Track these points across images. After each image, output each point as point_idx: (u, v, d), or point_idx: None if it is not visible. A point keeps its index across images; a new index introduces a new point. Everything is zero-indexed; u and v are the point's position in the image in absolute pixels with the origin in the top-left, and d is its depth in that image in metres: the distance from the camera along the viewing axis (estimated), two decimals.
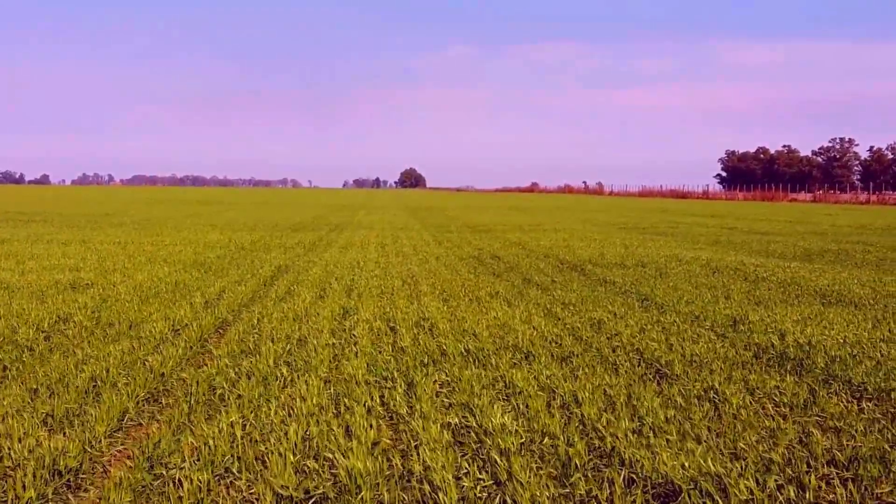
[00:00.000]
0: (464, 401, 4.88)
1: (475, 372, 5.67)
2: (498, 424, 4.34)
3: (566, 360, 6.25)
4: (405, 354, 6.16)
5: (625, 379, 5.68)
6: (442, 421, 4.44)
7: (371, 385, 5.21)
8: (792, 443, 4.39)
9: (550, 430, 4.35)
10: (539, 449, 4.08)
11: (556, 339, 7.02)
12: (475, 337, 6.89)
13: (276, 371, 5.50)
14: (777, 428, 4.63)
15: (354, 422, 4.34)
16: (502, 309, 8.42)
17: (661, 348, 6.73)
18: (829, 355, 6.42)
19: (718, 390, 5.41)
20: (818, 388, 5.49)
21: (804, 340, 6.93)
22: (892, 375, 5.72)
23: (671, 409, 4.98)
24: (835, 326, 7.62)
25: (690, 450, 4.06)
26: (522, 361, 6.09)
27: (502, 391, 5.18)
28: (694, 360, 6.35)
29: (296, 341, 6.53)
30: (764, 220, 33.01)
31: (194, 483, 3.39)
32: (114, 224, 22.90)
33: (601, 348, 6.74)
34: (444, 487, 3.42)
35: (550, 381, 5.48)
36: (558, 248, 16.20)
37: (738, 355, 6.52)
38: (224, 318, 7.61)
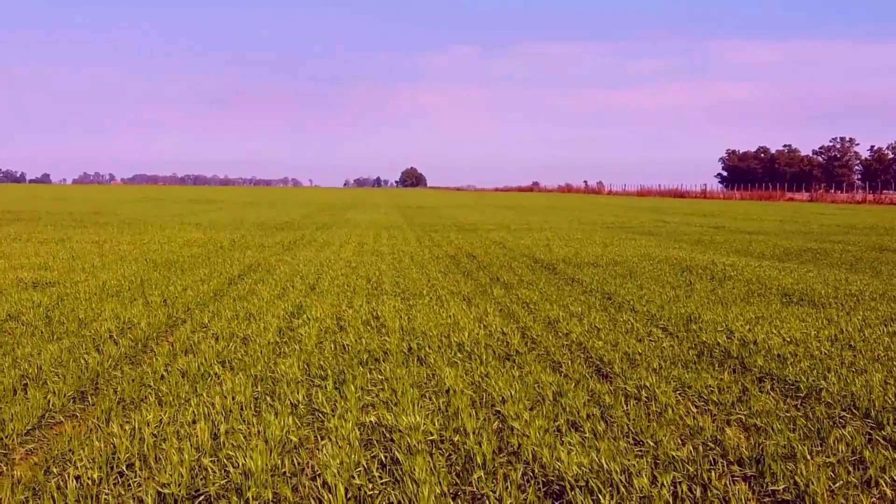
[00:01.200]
0: (388, 399, 4.90)
1: (412, 370, 5.69)
2: (413, 423, 4.36)
3: (508, 359, 6.26)
4: (346, 353, 6.17)
5: (561, 377, 5.69)
6: (359, 419, 4.45)
7: (301, 384, 5.23)
8: (707, 440, 4.41)
9: (466, 427, 4.36)
10: (448, 447, 4.09)
11: (504, 337, 7.04)
12: (423, 335, 6.91)
13: (210, 370, 5.52)
14: (696, 425, 4.65)
15: (271, 420, 4.36)
16: (459, 308, 8.44)
17: (606, 347, 6.75)
18: (771, 354, 6.43)
19: (650, 388, 5.43)
20: (750, 387, 5.51)
21: (750, 339, 6.95)
22: (825, 374, 5.73)
23: (595, 408, 5.00)
24: (786, 325, 7.63)
25: (597, 447, 4.07)
26: (463, 360, 6.10)
27: (431, 390, 5.20)
28: (635, 358, 6.37)
29: (239, 340, 6.55)
30: (755, 220, 33.00)
31: (85, 482, 3.41)
32: (99, 223, 22.92)
33: (548, 347, 6.76)
34: (334, 485, 3.44)
35: (483, 380, 5.49)
36: (537, 248, 16.21)
37: (682, 354, 6.53)
38: (177, 317, 7.62)
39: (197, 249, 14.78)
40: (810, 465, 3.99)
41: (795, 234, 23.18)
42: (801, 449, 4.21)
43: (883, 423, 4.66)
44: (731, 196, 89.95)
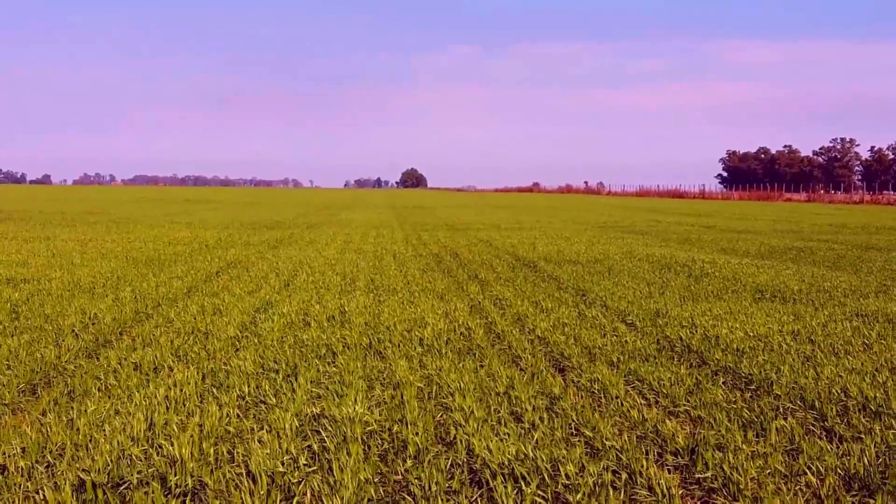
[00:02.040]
0: (336, 391, 4.92)
1: (368, 363, 5.71)
2: (354, 413, 4.38)
3: (469, 353, 6.28)
4: (305, 347, 6.19)
5: (517, 371, 5.71)
6: (301, 411, 4.47)
7: (252, 376, 5.25)
8: (647, 431, 4.43)
9: (407, 418, 4.38)
10: (385, 437, 4.11)
11: (468, 332, 7.05)
12: (386, 330, 6.93)
13: (164, 363, 5.54)
14: (639, 417, 4.67)
15: (212, 411, 4.38)
16: (430, 304, 8.46)
17: (568, 341, 6.77)
18: (732, 348, 6.45)
19: (602, 381, 5.45)
20: (704, 380, 5.52)
21: (713, 334, 6.96)
22: (779, 367, 5.74)
23: (543, 400, 5.02)
24: (753, 320, 7.64)
25: (532, 438, 4.09)
26: (422, 354, 6.12)
27: (382, 382, 5.21)
28: (595, 352, 6.39)
29: (201, 334, 6.57)
30: (748, 219, 33.01)
31: (11, 470, 3.43)
32: (89, 222, 22.96)
33: (512, 341, 6.78)
34: (258, 473, 3.46)
35: (437, 373, 5.51)
36: (522, 246, 16.22)
37: (643, 348, 6.55)
38: (145, 312, 7.65)
39: (181, 247, 14.81)
40: (741, 454, 4.01)
41: (785, 233, 23.19)
42: (737, 439, 4.23)
43: (826, 415, 4.68)
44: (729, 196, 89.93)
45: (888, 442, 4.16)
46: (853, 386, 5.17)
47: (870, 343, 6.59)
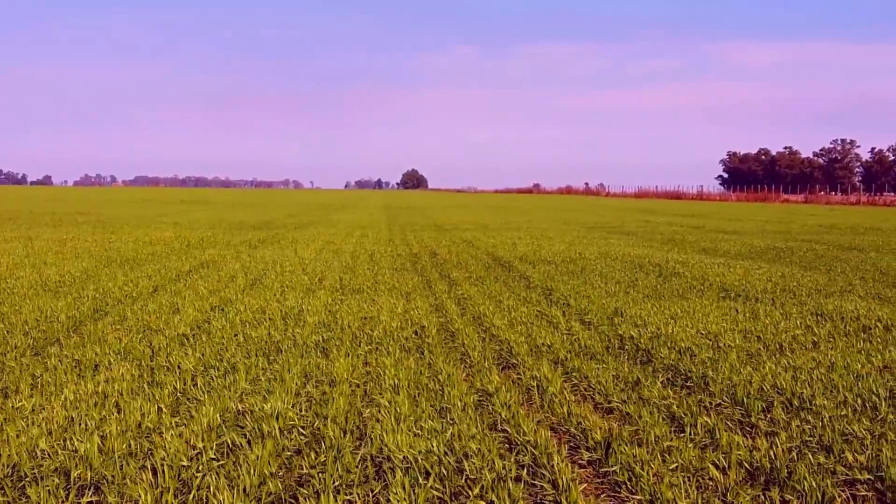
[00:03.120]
0: (268, 388, 4.96)
1: (310, 361, 5.74)
2: (277, 410, 4.41)
3: (417, 351, 6.31)
4: (253, 344, 6.23)
5: (461, 368, 5.75)
6: (226, 407, 4.51)
7: (189, 373, 5.29)
8: (571, 427, 4.46)
9: (330, 415, 4.41)
10: (304, 433, 4.15)
11: (421, 331, 7.09)
12: (339, 329, 6.97)
13: (105, 359, 5.58)
14: (566, 413, 4.70)
15: (136, 407, 4.42)
16: (391, 303, 8.49)
17: (521, 339, 6.81)
18: (680, 346, 6.47)
19: (542, 379, 5.48)
20: (644, 377, 5.55)
21: (665, 332, 6.98)
22: (720, 365, 5.77)
23: (476, 396, 5.05)
24: (709, 319, 7.67)
25: (447, 433, 4.13)
26: (369, 352, 6.15)
27: (317, 379, 5.25)
28: (543, 350, 6.42)
29: (152, 332, 6.61)
30: (740, 220, 33.00)
31: None
32: (77, 222, 23.03)
33: (464, 340, 6.81)
34: (161, 467, 3.50)
35: (378, 370, 5.54)
36: (503, 246, 16.25)
37: (592, 346, 6.59)
38: (103, 311, 7.69)
39: (161, 247, 14.85)
40: (656, 449, 4.04)
41: (772, 233, 23.19)
42: (657, 435, 4.26)
43: (751, 411, 4.71)
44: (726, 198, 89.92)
45: (803, 437, 4.19)
46: (785, 383, 5.20)
47: (817, 341, 6.62)
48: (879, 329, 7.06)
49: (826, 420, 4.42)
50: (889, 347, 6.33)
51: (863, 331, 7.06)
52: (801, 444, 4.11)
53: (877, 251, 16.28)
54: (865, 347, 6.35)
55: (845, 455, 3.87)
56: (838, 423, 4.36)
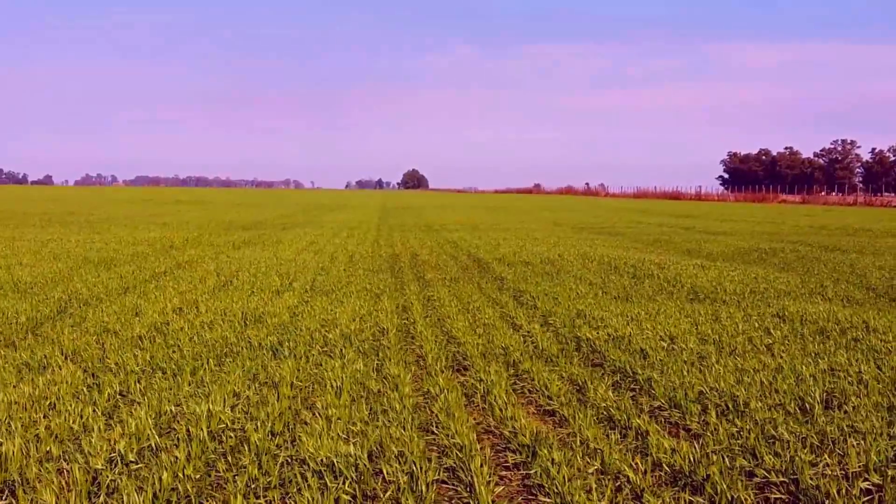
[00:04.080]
0: (208, 390, 4.98)
1: (259, 363, 5.76)
2: (210, 411, 4.44)
3: (371, 352, 6.34)
4: (206, 347, 6.26)
5: (413, 371, 5.77)
6: (161, 409, 4.54)
7: (135, 375, 5.31)
8: (503, 430, 4.48)
9: (260, 417, 4.44)
10: (231, 434, 4.17)
11: (381, 332, 7.11)
12: (297, 331, 6.98)
13: (52, 361, 5.61)
14: (503, 416, 4.72)
15: (69, 410, 4.45)
16: (358, 304, 8.51)
17: (479, 342, 6.83)
18: (634, 349, 6.49)
19: (489, 381, 5.49)
20: (592, 380, 5.56)
21: (621, 334, 7.00)
22: (669, 368, 5.80)
23: (420, 398, 5.09)
24: (672, 321, 7.68)
25: (374, 436, 4.15)
26: (321, 355, 6.17)
27: (261, 382, 5.27)
28: (497, 353, 6.44)
29: (110, 333, 6.64)
30: (733, 221, 32.99)
31: None
32: (66, 223, 23.08)
33: (423, 342, 6.83)
34: (76, 470, 3.53)
35: (326, 373, 5.56)
36: (485, 247, 16.28)
37: (548, 348, 6.61)
38: (66, 311, 7.72)
39: (143, 248, 14.89)
40: (581, 451, 4.07)
41: (761, 234, 23.19)
42: (586, 437, 4.28)
43: (687, 413, 4.73)
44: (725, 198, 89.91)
45: (729, 440, 4.21)
46: (727, 386, 5.21)
47: (772, 344, 6.63)
48: (836, 332, 7.08)
49: (755, 423, 4.44)
50: (840, 350, 6.35)
51: (820, 333, 7.07)
52: (727, 447, 4.13)
53: (859, 252, 16.28)
54: (817, 350, 6.36)
55: (764, 458, 3.89)
56: (767, 426, 4.38)
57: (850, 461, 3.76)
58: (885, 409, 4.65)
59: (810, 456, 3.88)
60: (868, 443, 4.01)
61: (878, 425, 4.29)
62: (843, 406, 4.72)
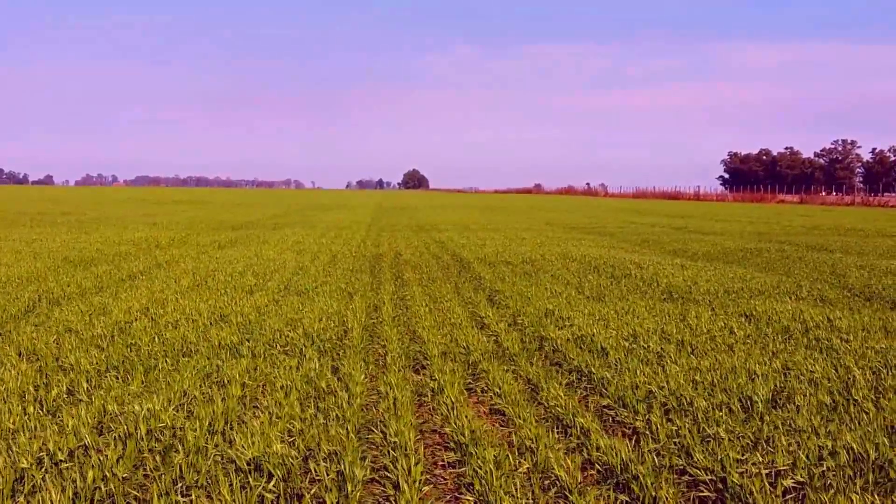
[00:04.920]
0: (157, 389, 4.99)
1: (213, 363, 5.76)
2: (148, 411, 4.44)
3: (332, 352, 6.34)
4: (164, 346, 6.26)
5: (364, 371, 5.77)
6: (103, 408, 4.54)
7: (85, 374, 5.32)
8: (446, 429, 4.49)
9: (201, 416, 4.44)
10: (167, 432, 4.17)
11: (345, 332, 7.11)
12: (261, 330, 6.98)
13: (7, 360, 5.62)
14: (448, 414, 4.73)
15: (12, 407, 4.46)
16: (329, 304, 8.51)
17: (442, 341, 6.83)
18: (595, 348, 6.49)
19: (444, 381, 5.49)
20: (546, 379, 5.56)
21: (586, 333, 6.99)
22: (626, 367, 5.80)
23: (365, 399, 5.09)
24: (638, 320, 7.68)
25: (311, 435, 4.16)
26: (278, 354, 6.17)
27: (212, 381, 5.28)
28: (458, 352, 6.44)
29: (71, 333, 6.64)
30: (726, 221, 32.95)
31: None
32: (56, 223, 23.10)
33: (386, 342, 6.83)
34: (9, 461, 3.54)
35: (279, 372, 5.57)
36: (471, 247, 16.27)
37: (510, 347, 6.62)
38: (33, 311, 7.73)
39: (127, 247, 14.90)
40: (514, 451, 4.07)
41: (751, 234, 23.18)
42: (526, 435, 4.29)
43: (634, 412, 4.73)
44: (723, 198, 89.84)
45: (668, 439, 4.21)
46: (678, 385, 5.21)
47: (733, 343, 6.63)
48: (799, 331, 7.07)
49: (695, 422, 4.44)
50: (799, 349, 6.35)
51: (783, 333, 7.07)
52: (663, 445, 4.13)
53: (845, 252, 16.27)
54: (776, 349, 6.36)
55: (695, 457, 3.89)
56: (707, 424, 4.38)
57: (778, 459, 3.76)
58: (828, 408, 4.65)
59: (741, 454, 3.88)
60: (801, 441, 4.01)
61: (817, 424, 4.29)
62: (787, 405, 4.72)
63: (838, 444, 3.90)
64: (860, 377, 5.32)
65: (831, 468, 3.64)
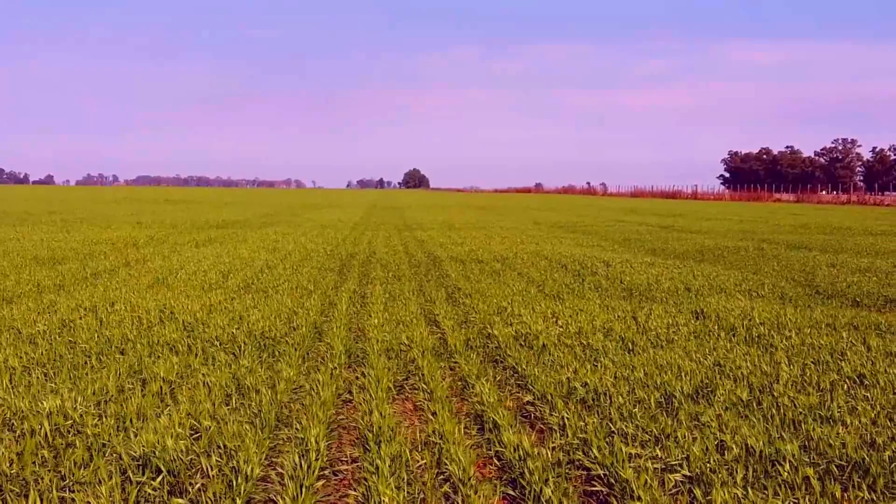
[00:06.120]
0: (71, 385, 4.98)
1: (145, 361, 5.75)
2: (56, 408, 4.43)
3: (271, 348, 6.33)
4: (102, 344, 6.25)
5: (299, 369, 5.75)
6: (11, 405, 4.53)
7: (9, 371, 5.32)
8: (357, 425, 4.48)
9: (111, 413, 4.43)
10: (68, 430, 4.17)
11: (292, 329, 7.10)
12: (204, 327, 6.97)
13: None
14: (366, 409, 4.72)
15: None
16: (283, 301, 8.50)
17: (387, 338, 6.82)
18: (536, 345, 6.47)
19: (379, 377, 5.47)
20: (479, 378, 5.54)
21: (532, 331, 6.98)
22: (557, 363, 5.79)
23: (290, 396, 5.07)
24: (589, 317, 7.66)
25: (213, 432, 4.15)
26: (217, 351, 6.15)
27: (135, 377, 5.27)
28: (400, 349, 6.42)
29: (11, 330, 6.64)
30: (715, 220, 32.92)
31: None
32: (39, 222, 23.11)
33: (331, 339, 6.81)
34: None
35: (201, 368, 5.55)
36: (448, 245, 16.28)
37: (454, 343, 6.60)
38: None
39: (102, 246, 14.90)
40: (418, 446, 4.06)
41: (736, 232, 23.16)
42: (437, 431, 4.28)
43: (551, 409, 4.72)
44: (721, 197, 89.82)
45: (575, 434, 4.19)
46: (603, 381, 5.19)
47: (674, 339, 6.61)
48: (743, 328, 7.06)
49: (604, 417, 4.43)
50: (739, 346, 6.34)
51: (729, 330, 7.05)
52: (568, 441, 4.12)
53: (822, 250, 16.25)
54: (715, 345, 6.34)
55: (593, 453, 3.88)
56: (619, 420, 4.37)
57: (672, 455, 3.74)
58: (743, 403, 4.63)
59: (640, 449, 3.86)
60: (701, 436, 3.99)
61: (727, 419, 4.27)
62: (701, 401, 4.70)
63: (736, 438, 3.88)
64: (786, 373, 5.31)
65: (721, 463, 3.62)
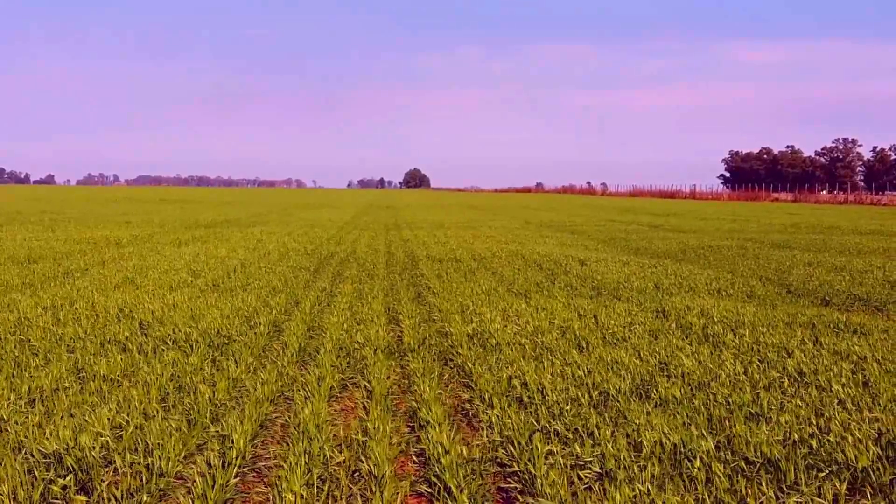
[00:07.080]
0: (13, 384, 4.98)
1: (88, 359, 5.75)
2: None
3: (223, 347, 6.33)
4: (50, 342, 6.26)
5: (244, 364, 5.75)
6: None
7: None
8: (290, 423, 4.48)
9: (40, 411, 4.43)
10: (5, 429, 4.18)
11: (250, 327, 7.10)
12: (161, 325, 6.98)
13: None
14: (303, 403, 4.72)
15: None
16: (248, 300, 8.50)
17: (342, 336, 6.82)
18: (489, 344, 6.47)
19: (319, 374, 5.48)
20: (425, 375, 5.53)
21: (488, 329, 6.97)
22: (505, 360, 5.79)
23: (235, 393, 5.08)
24: (550, 314, 7.66)
25: (136, 429, 4.15)
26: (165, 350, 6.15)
27: (76, 375, 5.28)
28: (353, 347, 6.42)
29: None
30: (706, 220, 32.89)
31: None
32: (29, 221, 23.13)
33: (287, 337, 6.81)
34: None
35: (145, 366, 5.55)
36: (430, 244, 16.28)
37: (411, 342, 6.61)
38: None
39: (83, 245, 14.90)
40: (342, 443, 4.06)
41: (723, 232, 23.15)
42: (357, 429, 4.28)
43: (487, 407, 4.72)
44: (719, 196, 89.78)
45: (500, 431, 4.19)
46: (545, 379, 5.19)
47: (628, 338, 6.60)
48: (699, 326, 7.05)
49: (531, 415, 4.42)
50: (692, 344, 6.33)
51: (685, 328, 7.05)
52: (495, 438, 4.11)
53: (804, 250, 16.24)
54: (668, 344, 6.34)
55: (513, 451, 3.87)
56: (549, 417, 4.36)
57: (586, 452, 3.74)
58: (675, 400, 4.63)
59: (557, 446, 3.86)
60: (622, 434, 3.99)
61: (655, 421, 4.26)
62: (634, 398, 4.70)
63: (654, 435, 3.88)
64: (727, 371, 5.30)
65: (634, 460, 3.62)
